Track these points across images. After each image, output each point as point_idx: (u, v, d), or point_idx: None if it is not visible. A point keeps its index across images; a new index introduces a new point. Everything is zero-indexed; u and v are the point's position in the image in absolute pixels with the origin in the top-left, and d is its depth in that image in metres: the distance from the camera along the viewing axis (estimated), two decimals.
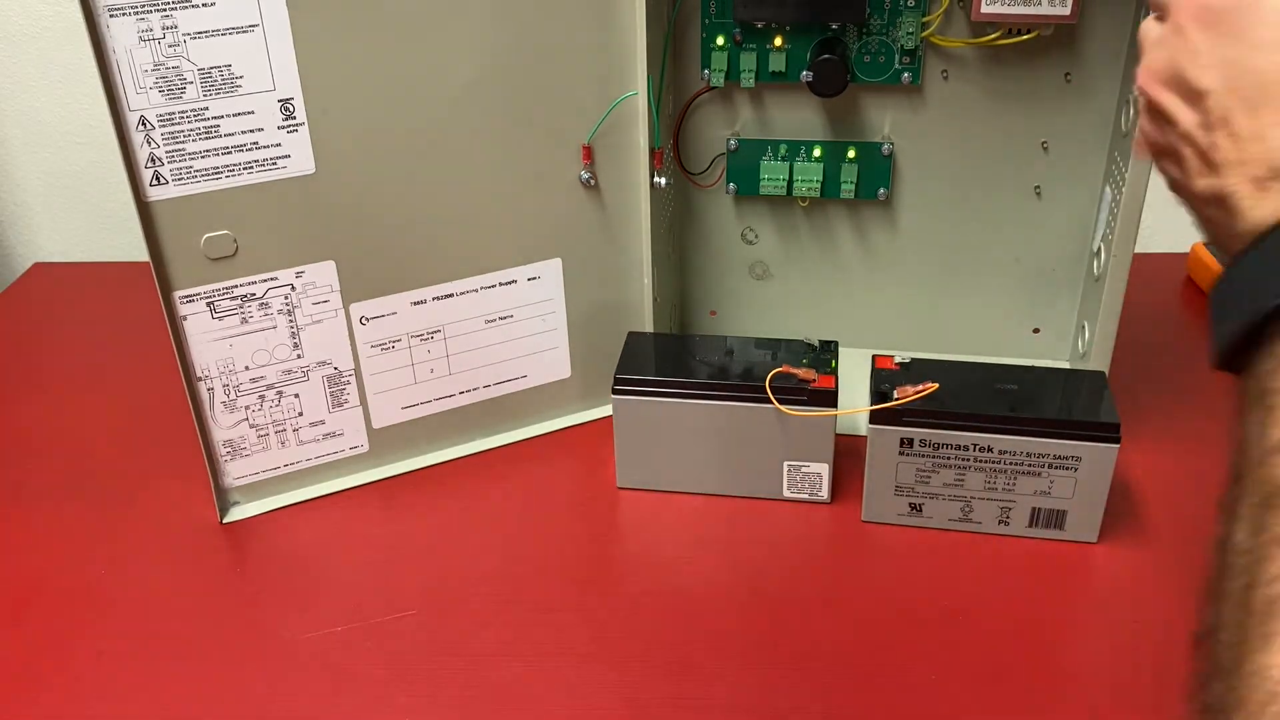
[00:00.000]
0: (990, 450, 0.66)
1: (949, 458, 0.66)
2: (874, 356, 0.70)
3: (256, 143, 0.64)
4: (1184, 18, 0.37)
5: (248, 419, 0.71)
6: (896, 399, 0.66)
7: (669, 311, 0.84)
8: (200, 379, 0.68)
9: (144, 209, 0.63)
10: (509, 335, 0.77)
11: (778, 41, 0.75)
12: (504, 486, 0.76)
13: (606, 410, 0.77)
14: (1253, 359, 0.34)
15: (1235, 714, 0.28)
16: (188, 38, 0.60)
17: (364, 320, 0.72)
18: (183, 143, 0.62)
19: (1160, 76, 0.38)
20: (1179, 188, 0.39)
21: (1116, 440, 0.64)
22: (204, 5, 0.60)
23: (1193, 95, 0.37)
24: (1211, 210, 0.37)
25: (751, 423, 0.70)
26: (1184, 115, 0.37)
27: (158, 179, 0.62)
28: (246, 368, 0.69)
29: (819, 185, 0.79)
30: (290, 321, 0.70)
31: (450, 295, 0.74)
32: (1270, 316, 0.33)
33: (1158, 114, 0.38)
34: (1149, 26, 0.40)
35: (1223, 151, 0.36)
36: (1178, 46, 0.37)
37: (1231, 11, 0.35)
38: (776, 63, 0.75)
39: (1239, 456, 0.33)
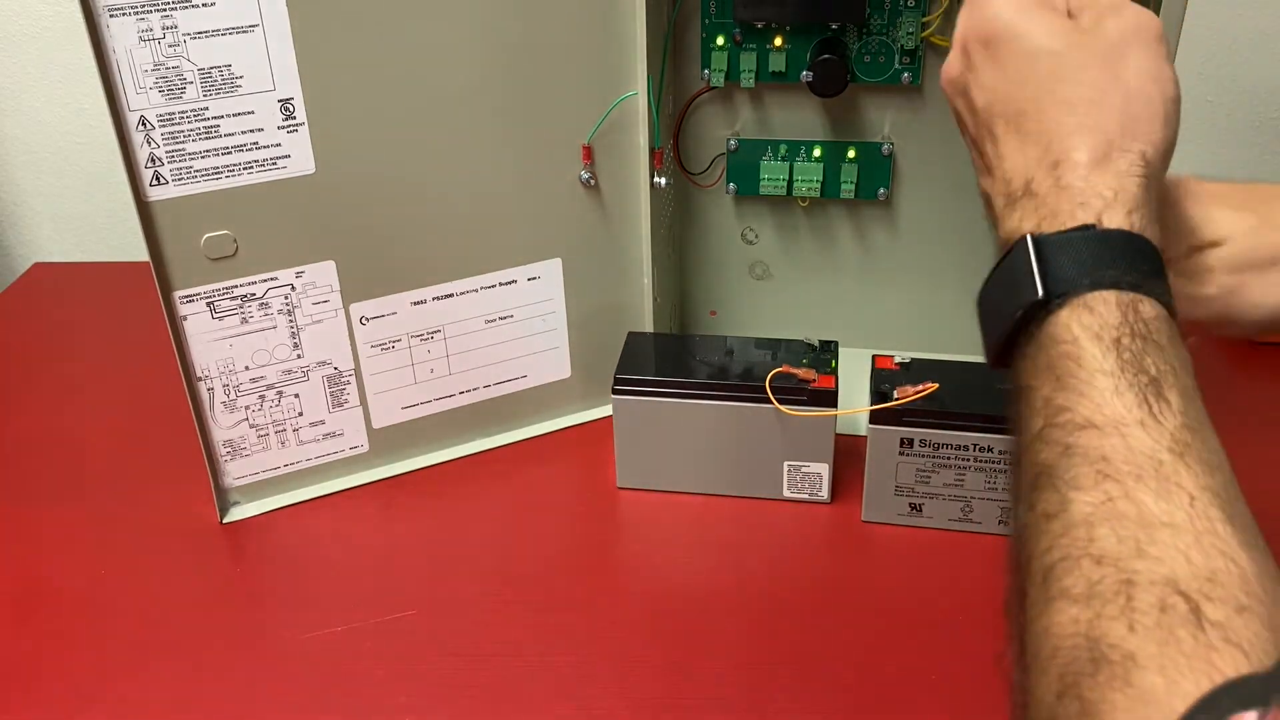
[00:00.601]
0: (990, 450, 0.66)
1: (949, 458, 0.66)
2: (874, 356, 0.70)
3: (256, 143, 0.64)
4: (970, 36, 0.41)
5: (248, 419, 0.71)
6: (896, 399, 0.66)
7: (669, 311, 0.84)
8: (200, 379, 0.68)
9: (144, 209, 0.63)
10: (509, 335, 0.77)
11: (778, 41, 0.75)
12: (504, 486, 0.76)
13: (606, 410, 0.77)
14: (1014, 357, 0.38)
15: (1030, 667, 0.32)
16: (188, 38, 0.60)
17: (364, 320, 0.72)
18: (183, 143, 0.62)
19: (954, 85, 0.43)
20: (974, 154, 0.44)
21: None
22: (204, 5, 0.60)
23: (971, 107, 0.42)
24: (987, 209, 0.41)
25: (751, 423, 0.70)
26: (968, 121, 0.42)
27: (158, 179, 0.62)
28: (246, 368, 0.69)
29: (819, 185, 0.79)
30: (290, 321, 0.70)
31: (450, 295, 0.74)
32: (1019, 322, 0.37)
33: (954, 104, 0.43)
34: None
35: (989, 161, 0.41)
36: (965, 61, 0.42)
37: (1000, 41, 0.40)
38: (776, 63, 0.75)
39: (1014, 444, 0.37)
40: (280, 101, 0.64)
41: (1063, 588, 0.32)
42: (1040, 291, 0.36)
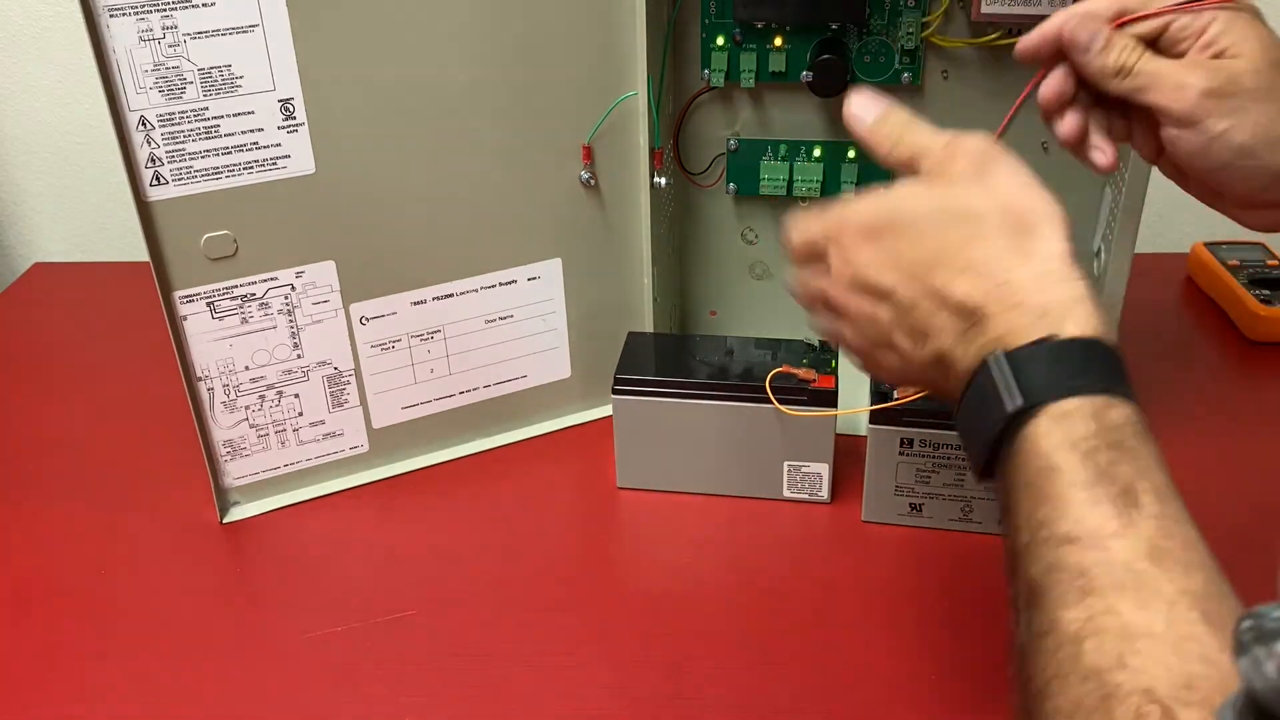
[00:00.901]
0: None
1: (949, 458, 0.66)
2: None
3: (256, 143, 0.64)
4: (847, 241, 0.44)
5: (248, 419, 0.71)
6: (896, 399, 0.66)
7: (669, 311, 0.84)
8: (200, 379, 0.68)
9: (144, 209, 0.63)
10: (509, 335, 0.77)
11: (778, 41, 0.75)
12: (504, 486, 0.76)
13: (606, 410, 0.77)
14: (997, 473, 0.40)
15: None
16: (188, 38, 0.60)
17: (364, 320, 0.72)
18: (183, 143, 0.62)
19: (848, 291, 0.45)
20: (901, 372, 0.45)
21: None
22: (204, 5, 0.60)
23: (881, 293, 0.43)
24: (934, 372, 0.43)
25: (751, 423, 0.70)
26: (882, 311, 0.44)
27: (158, 179, 0.62)
28: (246, 368, 0.69)
29: (819, 185, 0.79)
30: (290, 321, 0.70)
31: (450, 295, 0.74)
32: (999, 436, 0.39)
33: (861, 321, 0.45)
34: (802, 276, 0.48)
35: (924, 322, 0.42)
36: (851, 264, 0.44)
37: (885, 225, 0.43)
38: (776, 63, 0.75)
39: (1008, 554, 0.39)
40: (280, 101, 0.64)
41: (1055, 706, 0.33)
42: (1020, 400, 0.38)
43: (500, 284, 0.75)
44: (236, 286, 0.67)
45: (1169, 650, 0.32)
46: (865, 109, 0.48)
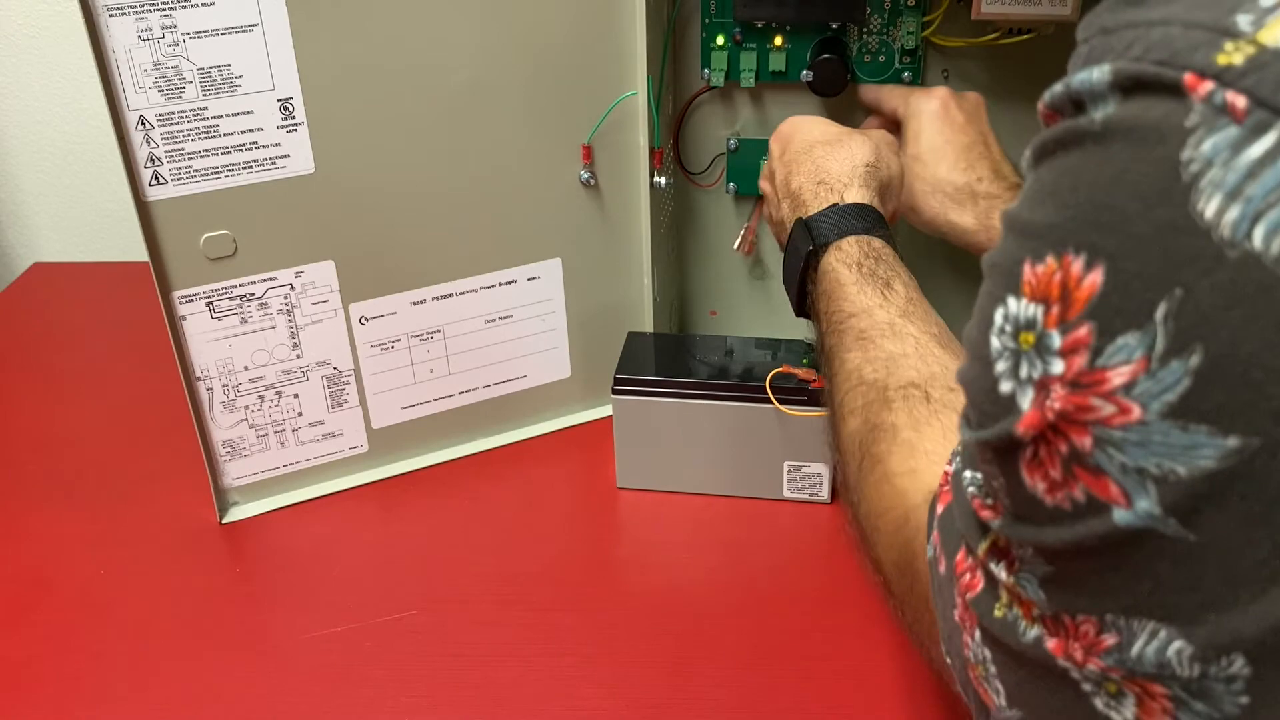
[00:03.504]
0: None
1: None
2: None
3: (256, 142, 0.64)
4: (774, 138, 0.67)
5: (247, 419, 0.71)
6: None
7: (669, 311, 0.84)
8: (199, 379, 0.68)
9: (143, 209, 0.63)
10: (509, 335, 0.77)
11: (778, 41, 0.75)
12: (504, 486, 0.75)
13: (606, 410, 0.77)
14: (807, 301, 0.58)
15: (844, 461, 0.50)
16: (187, 37, 0.60)
17: (363, 320, 0.72)
18: (182, 142, 0.62)
19: (767, 175, 0.68)
20: (769, 218, 0.68)
21: None
22: (203, 5, 0.60)
23: (770, 177, 0.67)
24: (779, 228, 0.64)
25: (751, 423, 0.70)
26: (769, 182, 0.67)
27: (157, 179, 0.62)
28: (246, 368, 0.69)
29: None
30: (289, 321, 0.70)
31: (450, 295, 0.74)
32: (804, 272, 0.57)
33: (762, 188, 0.69)
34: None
35: (781, 194, 0.64)
36: (770, 150, 0.67)
37: (781, 135, 0.66)
38: (776, 62, 0.75)
39: (818, 353, 0.56)
40: (279, 101, 0.63)
41: (851, 407, 0.49)
42: (812, 244, 0.56)
43: (500, 284, 0.75)
44: (236, 286, 0.67)
45: (919, 362, 0.48)
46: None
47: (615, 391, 0.71)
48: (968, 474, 0.34)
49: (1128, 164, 0.25)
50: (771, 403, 0.68)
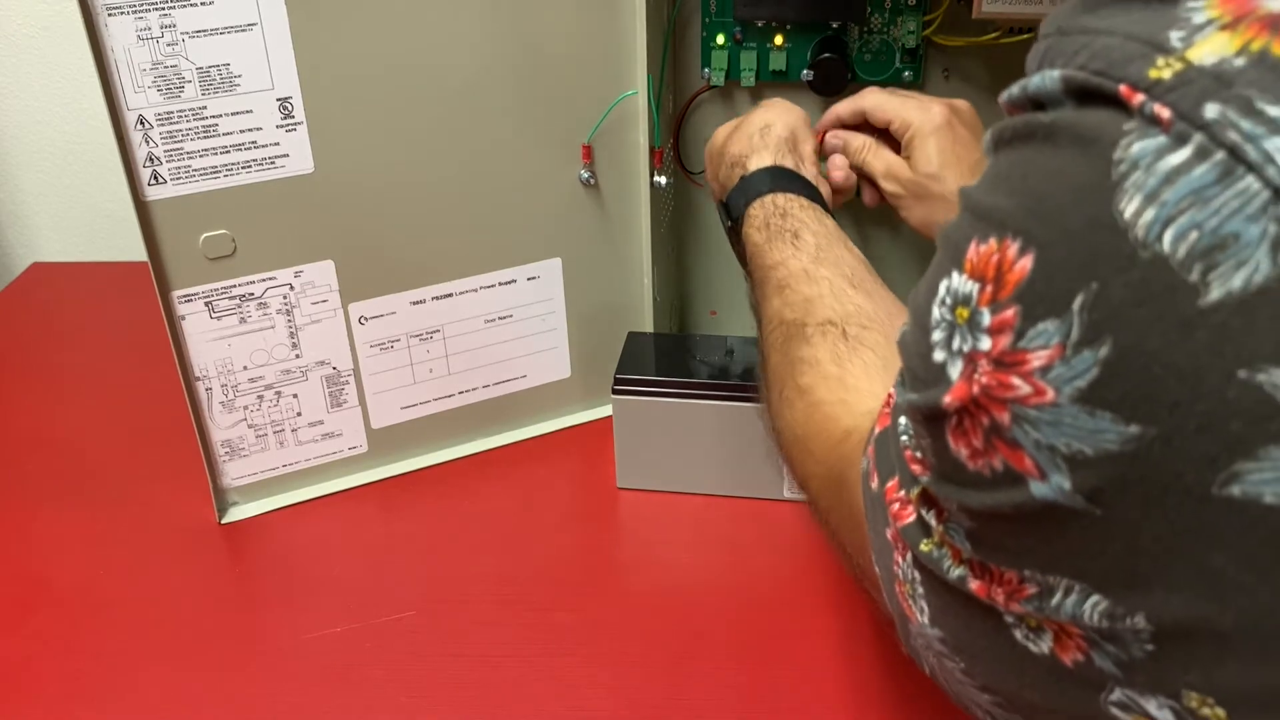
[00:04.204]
0: None
1: None
2: None
3: (255, 142, 0.64)
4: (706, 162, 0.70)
5: (246, 419, 0.71)
6: None
7: (669, 311, 0.84)
8: (199, 379, 0.68)
9: (142, 208, 0.63)
10: (509, 335, 0.77)
11: (778, 40, 0.75)
12: (504, 486, 0.75)
13: (606, 410, 0.77)
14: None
15: (768, 397, 0.53)
16: (186, 36, 0.60)
17: (363, 320, 0.72)
18: (181, 142, 0.62)
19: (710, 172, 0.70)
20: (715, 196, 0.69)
21: None
22: (202, 4, 0.59)
23: (710, 184, 0.69)
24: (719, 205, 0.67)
25: (752, 423, 0.70)
26: (711, 192, 0.69)
27: (156, 178, 0.62)
28: (245, 368, 0.69)
29: None
30: (289, 321, 0.69)
31: (450, 295, 0.74)
32: (740, 254, 0.62)
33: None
34: None
35: (719, 185, 0.67)
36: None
37: (708, 149, 0.69)
38: (777, 61, 0.75)
39: (753, 314, 0.59)
40: (279, 100, 0.63)
41: (772, 344, 0.53)
42: (729, 220, 0.62)
43: (500, 284, 0.75)
44: (235, 286, 0.67)
45: (834, 302, 0.52)
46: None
47: (615, 391, 0.71)
48: (903, 420, 0.35)
49: (1068, 161, 0.27)
50: None
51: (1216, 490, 0.24)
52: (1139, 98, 0.25)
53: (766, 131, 0.64)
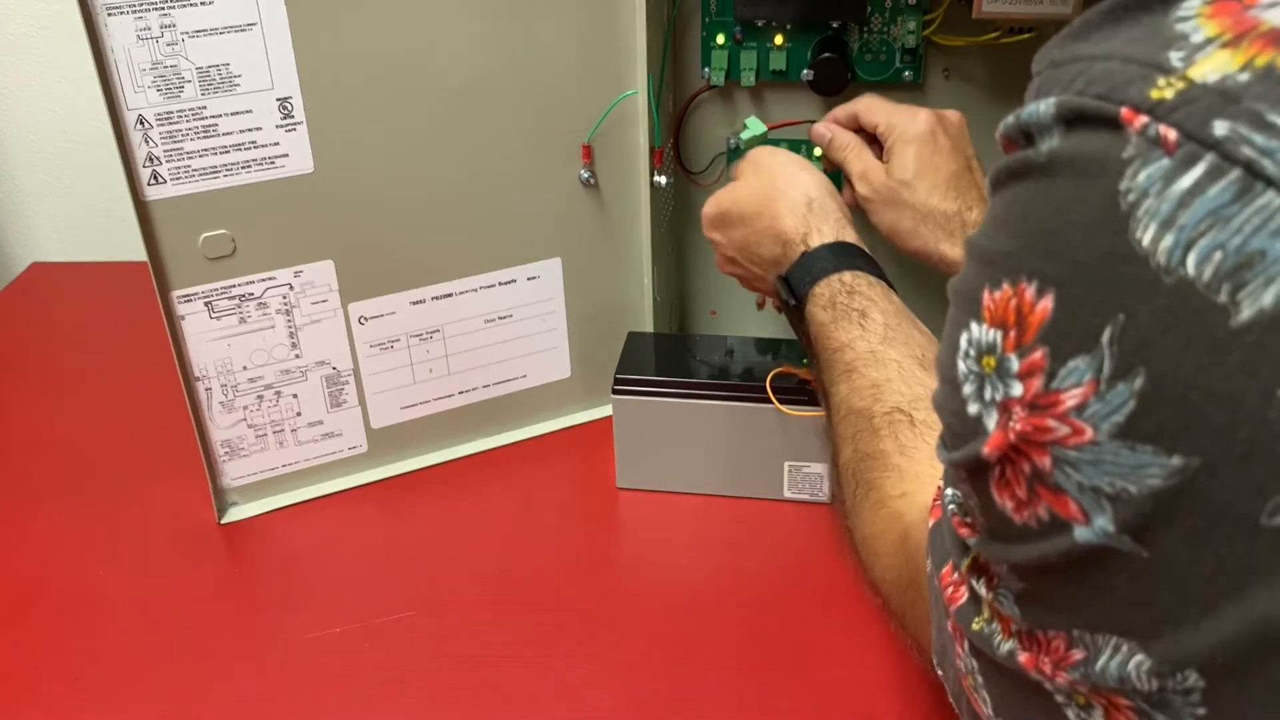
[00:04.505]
0: None
1: None
2: None
3: (255, 142, 0.64)
4: (712, 234, 0.68)
5: (246, 419, 0.71)
6: None
7: (669, 311, 0.84)
8: (198, 379, 0.68)
9: (142, 208, 0.63)
10: (509, 335, 0.77)
11: (778, 40, 0.75)
12: (504, 486, 0.75)
13: (606, 410, 0.77)
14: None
15: (843, 491, 0.52)
16: (186, 36, 0.60)
17: (363, 320, 0.72)
18: (180, 142, 0.62)
19: (718, 259, 0.69)
20: (748, 283, 0.68)
21: None
22: (202, 4, 0.59)
23: (733, 261, 0.67)
24: (776, 294, 0.63)
25: (752, 423, 0.70)
26: (738, 268, 0.67)
27: (156, 178, 0.62)
28: (244, 368, 0.69)
29: None
30: (289, 321, 0.69)
31: (450, 295, 0.74)
32: (804, 333, 0.59)
33: (733, 269, 0.68)
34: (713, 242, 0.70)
35: (756, 270, 0.65)
36: (716, 244, 0.68)
37: (722, 220, 0.66)
38: (777, 61, 0.75)
39: (818, 392, 0.58)
40: (279, 100, 0.63)
41: (844, 437, 0.52)
42: (794, 301, 0.59)
43: (500, 284, 0.75)
44: (234, 286, 0.67)
45: (902, 385, 0.51)
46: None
47: (615, 391, 0.71)
48: (949, 491, 0.35)
49: (1071, 194, 0.26)
50: (772, 403, 0.68)
51: (1266, 520, 0.23)
52: (1141, 119, 0.24)
53: (814, 205, 0.62)
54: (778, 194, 0.63)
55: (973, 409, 0.29)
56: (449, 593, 0.66)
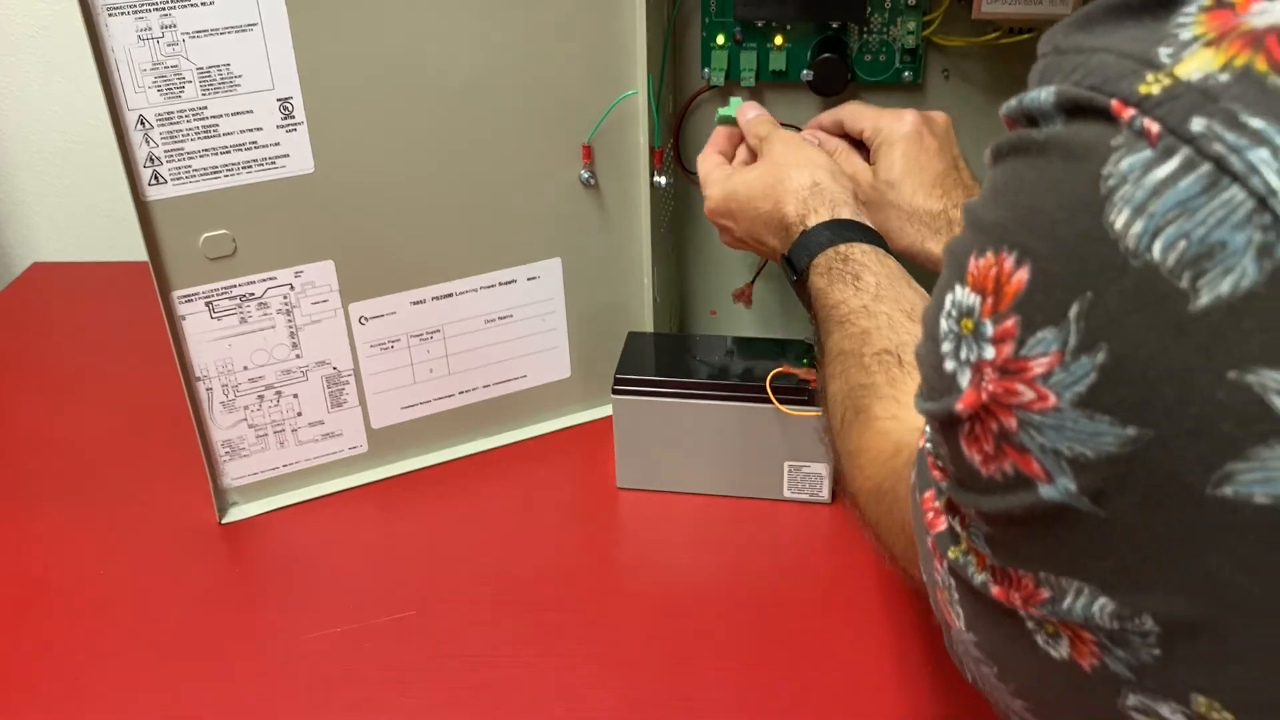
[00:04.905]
0: None
1: None
2: None
3: (255, 142, 0.64)
4: (718, 220, 0.70)
5: (246, 419, 0.71)
6: None
7: (669, 311, 0.84)
8: (199, 379, 0.68)
9: (142, 208, 0.63)
10: (509, 335, 0.77)
11: (778, 40, 0.75)
12: (504, 486, 0.75)
13: (606, 410, 0.77)
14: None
15: (830, 423, 0.55)
16: (186, 37, 0.60)
17: (363, 320, 0.72)
18: (181, 142, 0.62)
19: (727, 239, 0.71)
20: (746, 247, 0.70)
21: None
22: (203, 4, 0.59)
23: (740, 242, 0.69)
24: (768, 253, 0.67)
25: (752, 423, 0.70)
26: (748, 247, 0.70)
27: (156, 178, 0.62)
28: (245, 368, 0.69)
29: None
30: (289, 321, 0.69)
31: (450, 295, 0.74)
32: (807, 304, 0.61)
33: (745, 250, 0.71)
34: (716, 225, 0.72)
35: (767, 252, 0.67)
36: (722, 226, 0.70)
37: (725, 209, 0.68)
38: (777, 61, 0.75)
39: (816, 352, 0.60)
40: (279, 101, 0.63)
41: (831, 374, 0.55)
42: (794, 275, 0.62)
43: (500, 284, 0.75)
44: (235, 286, 0.67)
45: (890, 333, 0.53)
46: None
47: (615, 391, 0.71)
48: (927, 430, 0.37)
49: (1060, 175, 0.28)
50: (772, 403, 0.68)
51: (1210, 491, 0.25)
52: (1129, 112, 0.26)
53: (816, 189, 0.63)
54: (781, 184, 0.65)
55: (949, 366, 0.31)
56: (449, 593, 0.66)
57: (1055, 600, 0.30)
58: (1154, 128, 0.25)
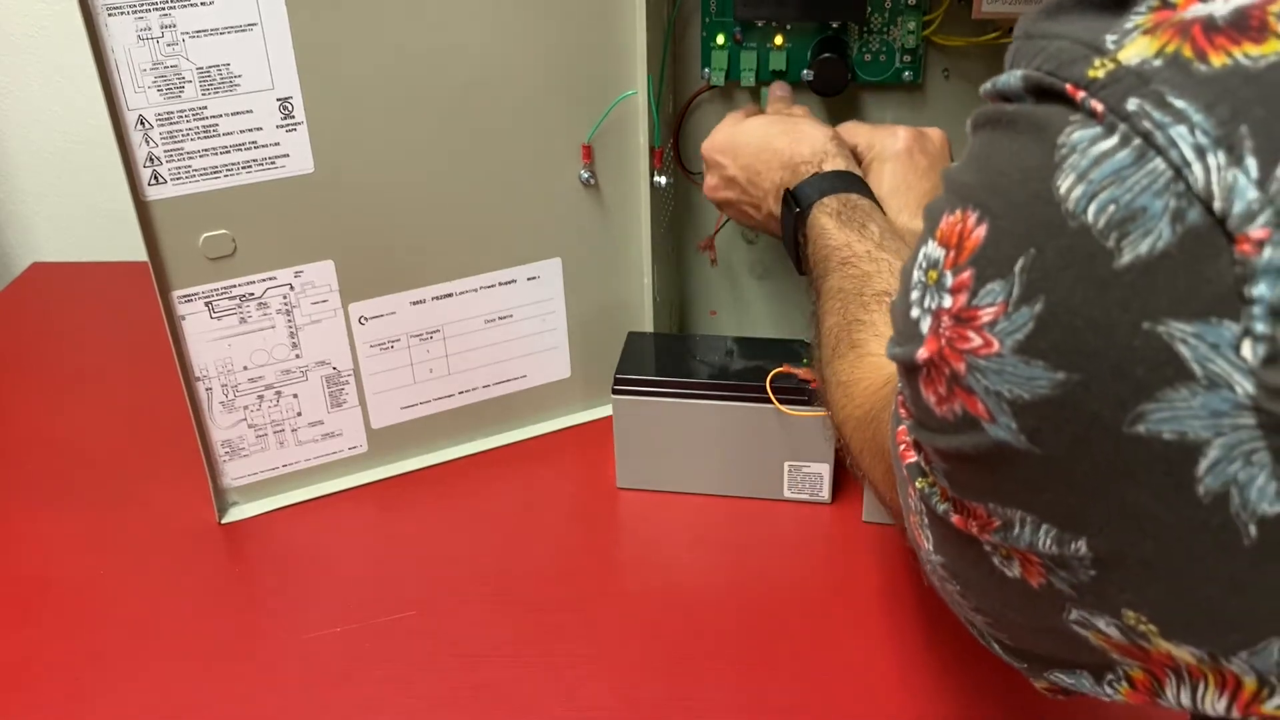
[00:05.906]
0: None
1: None
2: None
3: (255, 142, 0.64)
4: (709, 155, 0.71)
5: (246, 419, 0.71)
6: None
7: (669, 311, 0.84)
8: (199, 379, 0.68)
9: (142, 208, 0.63)
10: (509, 335, 0.77)
11: (778, 40, 0.75)
12: (504, 486, 0.75)
13: (606, 410, 0.77)
14: (805, 269, 0.64)
15: (821, 354, 0.57)
16: (186, 37, 0.60)
17: (363, 320, 0.72)
18: (181, 142, 0.62)
19: (713, 181, 0.72)
20: (757, 223, 0.71)
21: None
22: (203, 4, 0.59)
23: (730, 183, 0.70)
24: (769, 221, 0.69)
25: (752, 423, 0.70)
26: (736, 186, 0.70)
27: (156, 178, 0.62)
28: (245, 368, 0.69)
29: None
30: (289, 321, 0.69)
31: (450, 295, 0.74)
32: (796, 234, 0.64)
33: (729, 197, 0.71)
34: (706, 174, 0.74)
35: (755, 195, 0.68)
36: (715, 163, 0.71)
37: (726, 148, 0.70)
38: (777, 61, 0.75)
39: (812, 296, 0.61)
40: (279, 100, 0.63)
41: (828, 309, 0.57)
42: (798, 207, 0.63)
43: (500, 284, 0.75)
44: (235, 286, 0.67)
45: (890, 278, 0.55)
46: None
47: (615, 391, 0.71)
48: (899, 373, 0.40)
49: (1023, 145, 0.30)
50: (771, 403, 0.68)
51: (1127, 429, 0.28)
52: (1080, 94, 0.29)
53: (839, 142, 0.67)
54: (800, 130, 0.68)
55: (914, 313, 0.34)
56: (449, 593, 0.66)
57: (1006, 528, 0.33)
58: (1099, 107, 0.28)
